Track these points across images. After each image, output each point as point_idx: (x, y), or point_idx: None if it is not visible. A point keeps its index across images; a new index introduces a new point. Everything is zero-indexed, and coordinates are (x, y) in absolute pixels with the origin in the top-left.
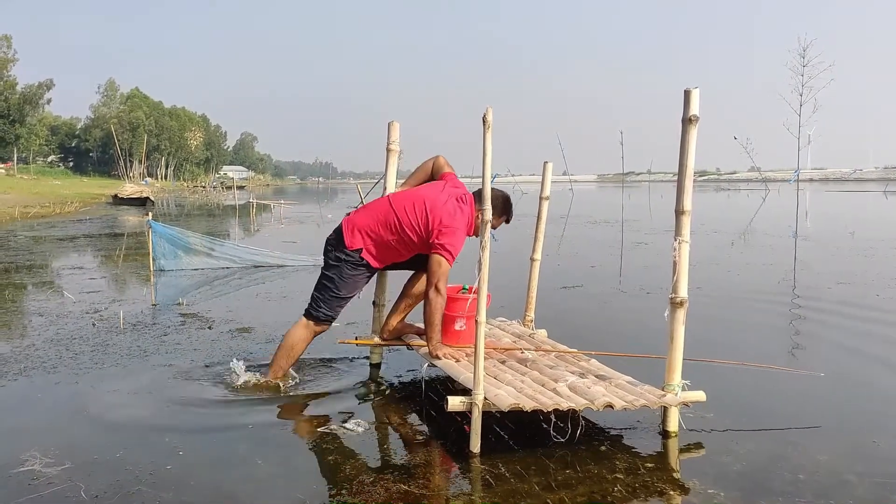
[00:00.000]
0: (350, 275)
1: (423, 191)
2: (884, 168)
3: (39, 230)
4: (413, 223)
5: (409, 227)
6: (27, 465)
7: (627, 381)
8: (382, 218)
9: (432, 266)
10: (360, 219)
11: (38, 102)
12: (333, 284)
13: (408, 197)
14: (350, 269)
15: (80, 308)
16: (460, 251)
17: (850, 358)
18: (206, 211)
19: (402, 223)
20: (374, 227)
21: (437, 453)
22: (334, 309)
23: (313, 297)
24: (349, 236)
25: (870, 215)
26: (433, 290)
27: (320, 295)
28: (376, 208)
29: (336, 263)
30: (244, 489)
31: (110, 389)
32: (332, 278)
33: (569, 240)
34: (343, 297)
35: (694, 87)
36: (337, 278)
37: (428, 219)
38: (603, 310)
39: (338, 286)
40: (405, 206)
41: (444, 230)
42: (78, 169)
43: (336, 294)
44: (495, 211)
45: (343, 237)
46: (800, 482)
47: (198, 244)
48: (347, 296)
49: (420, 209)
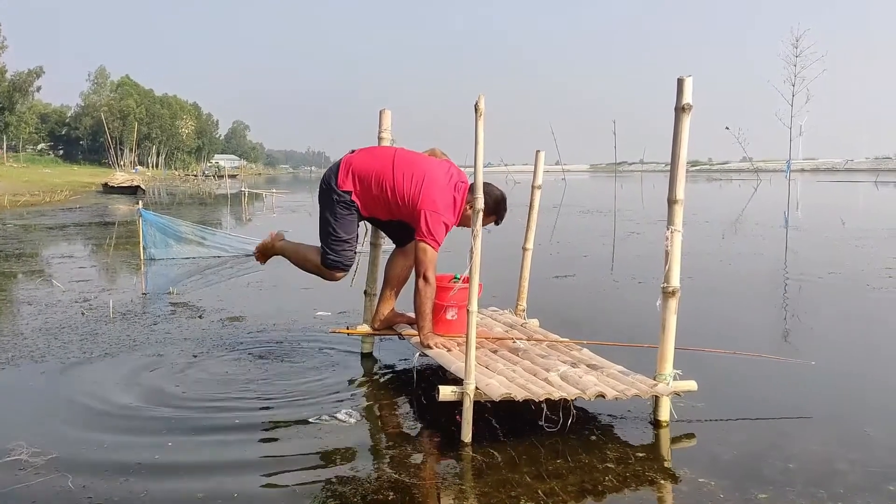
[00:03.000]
0: (343, 214)
1: (428, 165)
2: (875, 158)
3: (29, 219)
4: (405, 192)
5: (401, 195)
6: (14, 455)
7: (619, 371)
8: (379, 172)
9: (418, 255)
10: (357, 163)
11: (27, 90)
12: (330, 226)
13: (412, 163)
14: (342, 209)
15: (70, 297)
16: (445, 238)
17: (842, 347)
18: (197, 200)
19: (395, 187)
20: (368, 178)
21: (428, 443)
22: (339, 254)
23: (323, 243)
24: (343, 177)
25: (861, 205)
26: (422, 279)
27: (323, 241)
28: (378, 158)
29: (329, 202)
30: (234, 479)
31: (99, 379)
32: (327, 220)
33: (561, 229)
34: (342, 240)
35: (687, 76)
36: (332, 219)
37: (420, 195)
38: (595, 299)
39: (334, 228)
40: (405, 172)
41: (431, 214)
42: (68, 157)
43: (336, 237)
44: (486, 208)
45: (337, 176)
46: (791, 471)
47: (189, 233)
48: (347, 237)
49: (417, 182)
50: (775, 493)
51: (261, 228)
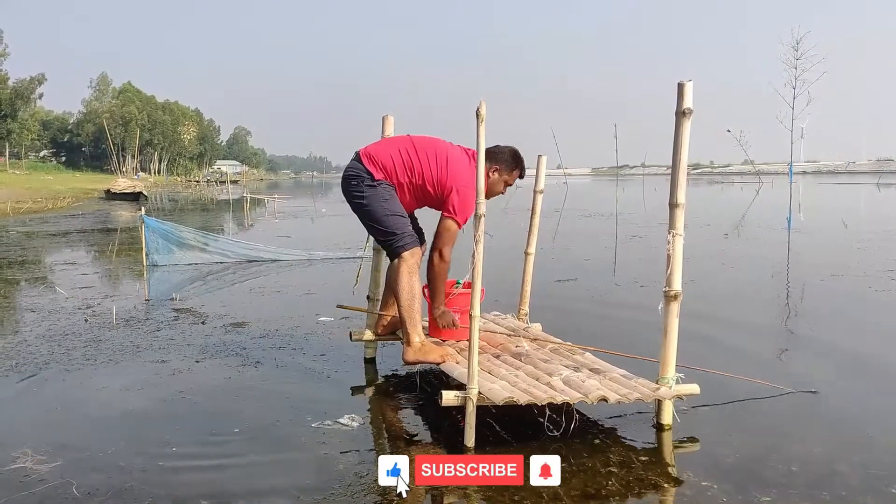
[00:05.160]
0: (388, 196)
1: (445, 144)
2: (877, 160)
3: (32, 225)
4: (433, 174)
5: (429, 178)
6: (18, 463)
7: (621, 375)
8: (404, 159)
9: (440, 230)
10: (379, 155)
11: (29, 97)
12: (380, 212)
13: (431, 145)
14: (384, 191)
15: (73, 304)
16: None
17: (845, 350)
18: (199, 206)
19: (423, 171)
20: (391, 166)
21: (431, 447)
22: (402, 228)
23: (383, 241)
24: (374, 169)
25: (863, 207)
26: (437, 254)
27: (383, 231)
28: (397, 147)
29: (369, 193)
30: (237, 484)
31: (102, 385)
32: (374, 209)
33: (563, 233)
34: (398, 214)
35: (688, 80)
36: (378, 205)
37: (448, 174)
38: (597, 303)
39: (385, 210)
40: (428, 154)
41: (461, 190)
42: (70, 164)
43: (392, 215)
44: (506, 166)
45: (370, 170)
46: (793, 473)
47: (191, 239)
48: (399, 212)
49: (442, 163)
50: (778, 496)
51: (263, 234)
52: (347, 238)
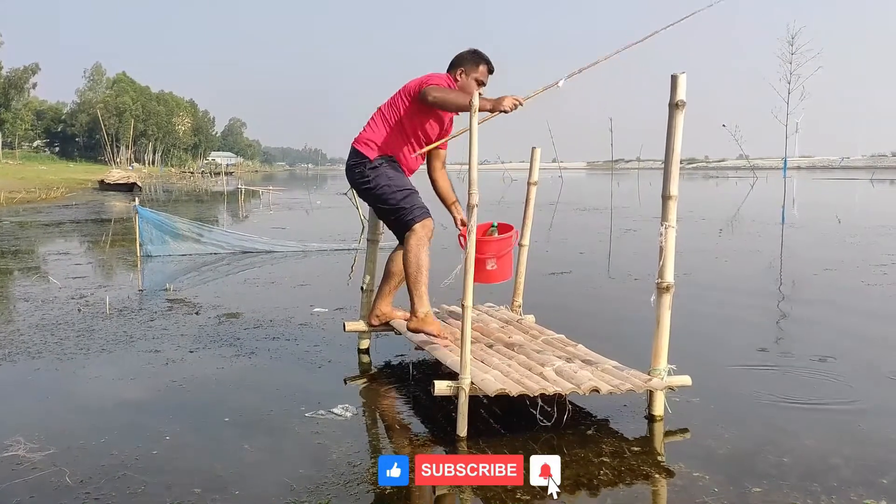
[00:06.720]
0: (392, 173)
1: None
2: (871, 156)
3: (25, 215)
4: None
5: (400, 97)
6: (11, 451)
7: (614, 366)
8: (384, 112)
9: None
10: (365, 132)
11: (23, 87)
12: (387, 191)
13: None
14: (386, 168)
15: (66, 293)
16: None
17: (836, 343)
18: (194, 197)
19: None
20: (378, 130)
21: (424, 437)
22: (411, 202)
23: (395, 219)
24: (367, 150)
25: (856, 203)
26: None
27: (393, 209)
28: (374, 114)
29: (372, 176)
30: (230, 474)
31: (95, 375)
32: (381, 189)
33: (557, 226)
34: (405, 188)
35: (681, 72)
36: (385, 184)
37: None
38: (591, 295)
39: (392, 187)
40: (393, 95)
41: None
42: (64, 154)
43: (399, 190)
44: (469, 64)
45: (364, 153)
46: (785, 465)
47: (186, 230)
48: (407, 186)
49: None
50: (769, 487)
51: (258, 225)
52: (342, 230)
